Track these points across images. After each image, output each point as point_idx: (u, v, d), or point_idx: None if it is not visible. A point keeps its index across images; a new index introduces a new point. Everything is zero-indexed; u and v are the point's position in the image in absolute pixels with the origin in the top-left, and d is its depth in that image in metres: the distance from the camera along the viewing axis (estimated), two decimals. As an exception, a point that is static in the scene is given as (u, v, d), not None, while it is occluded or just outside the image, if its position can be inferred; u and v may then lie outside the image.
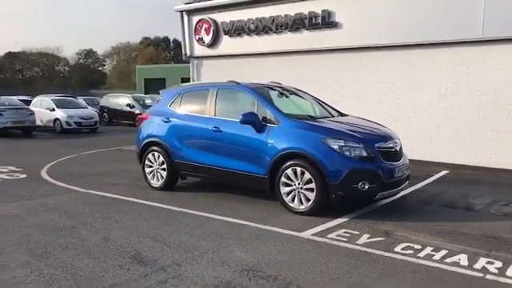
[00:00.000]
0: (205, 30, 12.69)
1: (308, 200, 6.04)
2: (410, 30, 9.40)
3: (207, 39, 12.69)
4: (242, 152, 6.64)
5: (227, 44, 12.41)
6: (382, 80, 9.95)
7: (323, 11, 10.42)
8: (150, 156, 7.84)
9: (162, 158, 7.66)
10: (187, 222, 5.81)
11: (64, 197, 7.28)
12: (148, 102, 25.02)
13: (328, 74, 10.48)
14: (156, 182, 7.79)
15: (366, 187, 5.81)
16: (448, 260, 4.47)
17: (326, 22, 10.43)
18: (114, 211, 6.34)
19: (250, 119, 6.45)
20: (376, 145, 6.04)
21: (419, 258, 4.54)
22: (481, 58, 8.68)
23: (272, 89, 7.34)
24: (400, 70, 9.68)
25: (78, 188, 7.94)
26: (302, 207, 6.09)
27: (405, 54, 9.61)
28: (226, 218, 5.96)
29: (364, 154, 5.90)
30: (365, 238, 5.14)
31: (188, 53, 13.26)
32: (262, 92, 6.94)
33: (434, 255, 4.61)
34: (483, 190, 7.62)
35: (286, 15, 11.10)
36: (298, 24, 10.91)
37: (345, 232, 5.37)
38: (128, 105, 23.97)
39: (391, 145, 6.23)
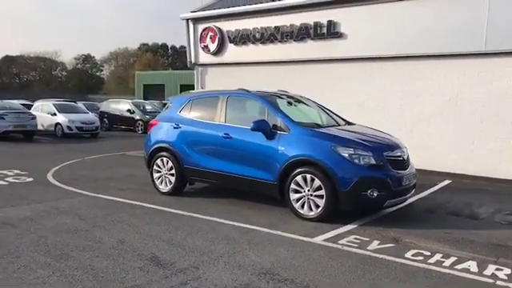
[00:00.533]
0: (210, 38, 12.86)
1: (317, 206, 6.16)
2: (413, 42, 9.60)
3: (212, 47, 12.86)
4: (251, 158, 6.77)
5: (232, 52, 12.57)
6: (386, 90, 10.12)
7: (328, 22, 10.61)
8: (158, 161, 7.95)
9: (170, 164, 7.77)
10: (199, 226, 5.91)
11: (74, 200, 7.36)
12: (148, 107, 25.16)
13: (332, 83, 10.65)
14: (164, 187, 7.89)
15: (375, 195, 5.94)
16: (458, 266, 4.60)
17: (331, 32, 10.63)
18: (126, 215, 6.44)
19: (261, 126, 6.58)
20: (384, 153, 6.18)
21: (430, 264, 4.67)
22: (484, 69, 8.88)
23: (280, 97, 7.49)
24: (403, 81, 9.86)
25: (87, 192, 8.02)
26: (312, 213, 6.21)
27: (408, 64, 9.80)
28: (237, 224, 6.06)
29: (373, 162, 6.04)
30: (375, 244, 5.26)
31: (193, 60, 13.41)
32: (271, 100, 7.09)
33: (443, 262, 4.74)
34: (486, 199, 7.77)
35: (291, 25, 11.29)
36: (303, 34, 11.10)
37: (355, 238, 5.49)
38: (128, 110, 24.06)
39: (399, 153, 6.38)
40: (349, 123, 7.48)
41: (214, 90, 7.92)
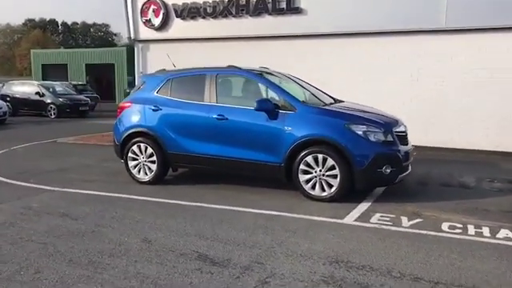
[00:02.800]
0: (153, 11, 11.89)
1: (330, 186, 6.00)
2: (376, 19, 9.74)
3: (156, 22, 11.90)
4: (253, 141, 6.38)
5: (179, 27, 11.77)
6: (348, 67, 10.20)
7: (288, -4, 10.39)
8: (134, 148, 7.19)
9: (150, 150, 7.06)
10: (217, 216, 5.44)
11: (44, 198, 6.40)
12: (59, 89, 22.94)
13: (293, 61, 10.44)
14: (143, 176, 7.18)
15: (389, 171, 5.92)
16: (500, 235, 4.74)
17: (290, 7, 10.38)
18: (122, 210, 5.72)
19: (265, 106, 6.20)
20: (393, 129, 6.19)
21: (473, 235, 4.74)
22: (444, 46, 9.31)
23: (271, 74, 7.14)
24: (365, 58, 10.00)
25: (49, 187, 7.04)
26: (325, 194, 6.03)
27: (370, 41, 9.95)
28: (254, 210, 5.69)
29: (385, 138, 6.00)
30: (406, 221, 5.23)
31: (132, 36, 12.32)
32: (267, 77, 6.72)
33: (482, 232, 4.84)
34: (460, 168, 8.22)
35: (247, -2, 10.84)
36: (260, 8, 10.70)
37: (381, 216, 5.42)
38: (37, 93, 21.72)
39: (403, 129, 6.43)
40: (338, 100, 7.37)
41: (196, 68, 7.29)
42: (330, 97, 7.47)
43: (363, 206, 5.84)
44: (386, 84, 9.94)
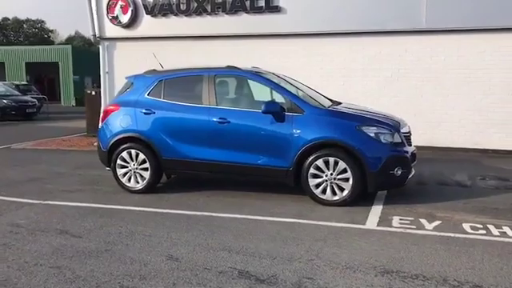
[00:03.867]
0: (121, 7, 11.21)
1: (341, 190, 5.86)
2: (355, 18, 9.74)
3: (124, 19, 11.24)
4: (259, 144, 6.11)
5: (150, 25, 11.18)
6: (328, 66, 10.14)
7: (266, -6, 10.15)
8: (124, 155, 6.69)
9: (142, 156, 6.60)
10: (234, 226, 5.13)
11: (27, 213, 5.80)
12: (1, 90, 21.34)
13: (270, 61, 10.19)
14: (134, 185, 6.70)
15: (400, 173, 5.87)
16: (526, 235, 4.80)
17: (269, 6, 10.15)
18: (125, 223, 5.27)
19: (273, 109, 5.95)
20: (401, 130, 6.15)
21: (499, 236, 4.75)
22: (424, 46, 9.48)
23: (272, 74, 6.89)
24: (345, 58, 9.98)
25: (28, 200, 6.42)
26: (336, 198, 5.88)
27: (350, 41, 9.93)
28: (268, 218, 5.43)
29: (395, 139, 5.95)
30: (427, 223, 5.18)
31: (97, 33, 11.56)
32: (271, 78, 6.46)
33: (505, 232, 4.88)
34: (448, 166, 8.38)
35: (224, -5, 10.48)
36: (237, 6, 10.39)
37: (401, 219, 5.33)
38: (-24, 94, 20.09)
39: (407, 130, 6.41)
40: (336, 102, 7.24)
41: (190, 68, 6.89)
42: (327, 98, 7.33)
43: (376, 210, 5.75)
44: (366, 84, 9.98)
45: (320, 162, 5.87)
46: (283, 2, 10.13)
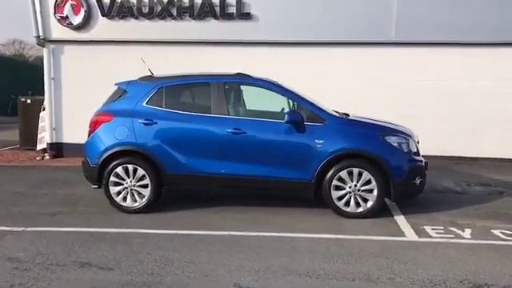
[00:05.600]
0: (72, 7, 10.08)
1: (365, 202, 5.73)
2: (328, 29, 9.69)
3: (75, 19, 10.10)
4: (277, 156, 5.78)
5: (106, 27, 10.19)
6: (299, 77, 9.90)
7: (238, 1, 9.76)
8: (118, 170, 5.95)
9: (141, 172, 5.92)
10: (275, 246, 4.72)
11: (17, 243, 4.91)
12: None
13: (241, 68, 9.89)
14: (131, 204, 5.99)
15: (419, 182, 5.90)
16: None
17: (240, 13, 9.79)
18: (152, 249, 4.63)
19: (296, 119, 5.67)
20: (415, 140, 6.20)
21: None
22: (394, 58, 9.72)
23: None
24: (317, 68, 9.87)
25: (5, 227, 5.46)
26: (360, 210, 5.73)
27: (322, 51, 9.89)
28: (304, 235, 5.11)
29: (413, 149, 5.98)
30: (461, 232, 5.21)
31: (41, 34, 10.30)
32: (285, 87, 6.17)
33: (538, 236, 5.09)
34: (429, 174, 8.55)
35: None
36: (206, 12, 9.88)
37: (433, 229, 5.30)
38: None
39: (417, 139, 6.48)
40: (344, 113, 7.04)
41: (192, 75, 6.35)
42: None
43: (401, 220, 5.70)
44: (337, 94, 9.98)
45: (344, 174, 5.69)
46: (255, 9, 9.84)
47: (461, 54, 9.60)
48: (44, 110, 11.10)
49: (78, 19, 10.20)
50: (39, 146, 11.21)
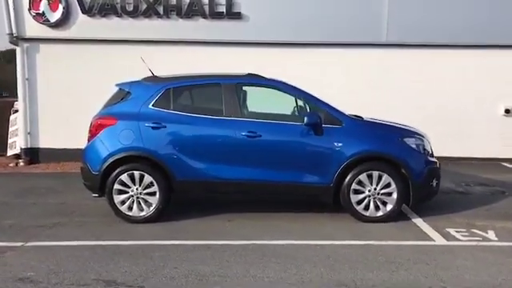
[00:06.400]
0: (48, 3, 9.42)
1: (384, 205, 5.60)
2: (318, 30, 9.56)
3: (53, 16, 9.43)
4: (295, 160, 5.55)
5: (86, 25, 9.57)
6: (288, 77, 9.83)
7: (227, 0, 9.45)
8: (123, 178, 5.54)
9: (149, 179, 5.53)
10: (306, 255, 4.49)
11: (25, 260, 4.45)
12: None
13: (231, 68, 9.60)
14: (137, 213, 5.59)
15: (435, 184, 5.83)
16: None
17: (230, 12, 9.47)
18: (179, 263, 4.29)
19: (315, 121, 5.46)
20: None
21: None
22: (384, 59, 9.70)
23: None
24: (307, 69, 9.71)
25: (3, 243, 4.96)
26: (380, 214, 5.58)
27: (313, 52, 9.71)
28: (332, 242, 4.90)
29: (429, 150, 5.91)
30: (485, 234, 5.16)
31: (14, 32, 9.58)
32: (299, 88, 5.94)
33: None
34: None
35: (179, -3, 9.50)
36: (194, 11, 9.50)
37: (457, 232, 5.22)
38: None
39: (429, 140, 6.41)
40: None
41: (201, 75, 6.02)
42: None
43: (420, 223, 5.60)
44: (326, 95, 9.89)
45: (363, 177, 5.53)
46: (245, 9, 9.56)
47: (450, 55, 9.68)
48: (15, 112, 10.38)
49: (55, 16, 9.58)
50: (10, 152, 10.46)
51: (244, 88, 5.88)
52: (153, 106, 5.66)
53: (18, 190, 7.62)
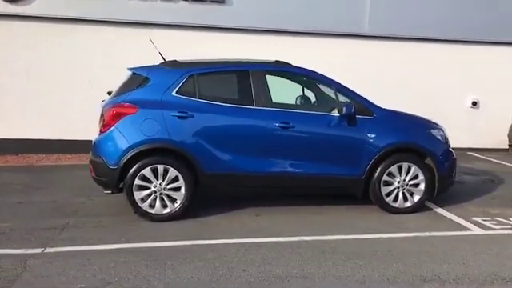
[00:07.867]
0: (5, -27, 8.30)
1: (412, 196, 5.62)
2: (303, 18, 9.37)
3: (11, -11, 8.36)
4: (328, 151, 5.38)
5: (51, 2, 8.58)
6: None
7: (211, -19, 8.94)
8: (145, 172, 5.01)
9: (175, 173, 5.06)
10: (354, 251, 4.35)
11: (53, 270, 3.87)
12: None
13: (214, 55, 9.14)
14: (160, 210, 5.10)
15: (454, 174, 5.96)
16: None
17: (213, -5, 9.02)
18: (239, 266, 3.96)
19: (351, 111, 5.30)
20: (445, 133, 6.24)
21: None
22: (366, 51, 9.74)
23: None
24: (290, 58, 9.52)
25: (18, 250, 4.34)
26: (408, 204, 5.59)
27: (297, 41, 9.51)
28: (377, 235, 4.82)
29: (449, 141, 6.01)
30: (510, 222, 5.39)
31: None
32: (331, 78, 5.74)
33: None
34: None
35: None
36: (174, -9, 8.88)
37: (484, 220, 5.37)
38: None
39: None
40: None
41: (226, 61, 5.61)
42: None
43: (445, 213, 5.68)
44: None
45: (394, 168, 5.49)
46: (229, -9, 9.15)
47: (431, 49, 9.98)
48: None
49: (14, -11, 8.45)
50: (-46, 143, 9.13)
51: (273, 76, 5.54)
52: (176, 93, 5.16)
53: (7, 185, 6.66)
